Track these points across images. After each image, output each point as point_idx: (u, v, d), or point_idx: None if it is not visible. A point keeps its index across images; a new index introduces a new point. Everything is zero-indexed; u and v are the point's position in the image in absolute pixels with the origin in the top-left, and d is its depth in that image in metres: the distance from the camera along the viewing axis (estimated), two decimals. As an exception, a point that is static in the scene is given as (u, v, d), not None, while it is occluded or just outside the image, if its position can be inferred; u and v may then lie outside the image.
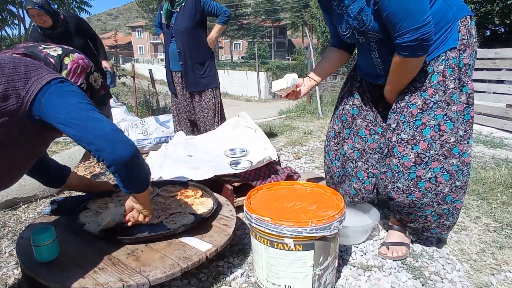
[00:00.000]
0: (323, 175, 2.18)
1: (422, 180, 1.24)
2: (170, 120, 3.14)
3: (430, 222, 1.34)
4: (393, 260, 1.38)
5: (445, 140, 1.22)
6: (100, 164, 2.72)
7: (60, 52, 1.08)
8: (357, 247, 1.49)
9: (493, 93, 3.77)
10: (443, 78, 1.20)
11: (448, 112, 1.21)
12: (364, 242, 1.52)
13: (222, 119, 2.87)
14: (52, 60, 1.05)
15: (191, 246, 1.19)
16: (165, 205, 1.46)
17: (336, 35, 1.41)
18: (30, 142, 0.98)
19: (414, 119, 1.25)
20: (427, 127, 1.23)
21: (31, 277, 1.09)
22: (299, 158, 2.87)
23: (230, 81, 18.03)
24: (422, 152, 1.23)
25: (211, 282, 1.24)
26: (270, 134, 3.77)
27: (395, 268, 1.34)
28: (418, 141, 1.23)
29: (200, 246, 1.19)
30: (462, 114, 1.23)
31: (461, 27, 1.19)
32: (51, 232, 1.10)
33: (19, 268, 1.34)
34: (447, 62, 1.20)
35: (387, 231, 1.51)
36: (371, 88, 1.45)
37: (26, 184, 1.96)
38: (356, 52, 1.48)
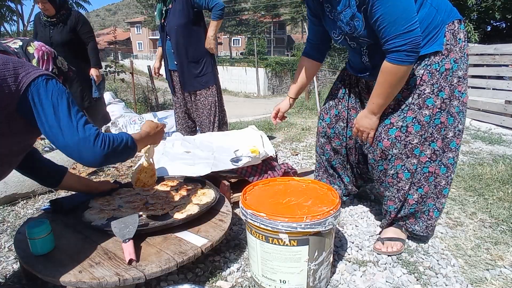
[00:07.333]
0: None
1: (388, 174, 1.35)
2: (169, 116, 3.14)
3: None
4: (388, 255, 1.39)
5: (408, 141, 1.27)
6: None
7: (20, 43, 1.07)
8: (352, 243, 1.50)
9: (493, 89, 3.76)
10: (420, 82, 1.23)
11: (418, 115, 1.25)
12: (359, 238, 1.53)
13: (223, 118, 2.74)
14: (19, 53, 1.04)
15: (187, 241, 1.20)
16: (167, 198, 1.47)
17: (311, 40, 1.50)
18: (19, 134, 0.99)
19: (384, 118, 1.30)
20: (394, 127, 1.28)
21: (29, 271, 1.11)
22: (296, 154, 2.87)
23: (229, 77, 17.98)
24: (386, 149, 1.30)
25: (207, 277, 1.25)
26: (268, 130, 3.77)
27: (390, 263, 1.35)
28: (383, 138, 1.30)
29: (196, 241, 1.20)
30: (434, 118, 1.25)
31: (447, 32, 1.21)
32: (45, 226, 1.11)
33: (18, 263, 1.35)
34: (428, 67, 1.22)
35: (383, 227, 1.52)
36: (358, 82, 1.49)
37: (25, 180, 1.97)
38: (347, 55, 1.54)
